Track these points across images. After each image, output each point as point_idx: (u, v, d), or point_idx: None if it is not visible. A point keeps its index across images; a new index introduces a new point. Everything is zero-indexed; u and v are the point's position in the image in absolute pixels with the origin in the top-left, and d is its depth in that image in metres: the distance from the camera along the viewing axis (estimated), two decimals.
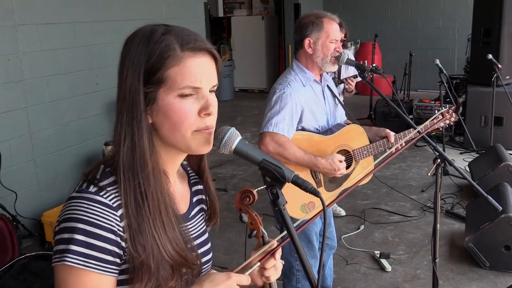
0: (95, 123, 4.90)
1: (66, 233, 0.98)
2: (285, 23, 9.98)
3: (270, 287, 1.23)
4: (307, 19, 2.50)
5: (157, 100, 1.02)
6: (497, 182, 3.95)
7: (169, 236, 1.04)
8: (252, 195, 1.19)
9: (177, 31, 1.04)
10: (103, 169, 1.05)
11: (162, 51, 1.01)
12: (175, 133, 1.04)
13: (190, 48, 1.02)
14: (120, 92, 1.04)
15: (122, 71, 1.03)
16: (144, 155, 1.02)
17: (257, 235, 1.22)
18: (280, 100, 2.38)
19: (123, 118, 1.03)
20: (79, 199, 1.00)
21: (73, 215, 0.99)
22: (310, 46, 2.47)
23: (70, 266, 0.97)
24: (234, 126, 1.06)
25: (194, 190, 1.24)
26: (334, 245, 2.91)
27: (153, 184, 1.03)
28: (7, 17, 3.97)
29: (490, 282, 3.32)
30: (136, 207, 1.01)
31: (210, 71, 1.05)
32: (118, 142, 1.03)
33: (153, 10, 5.63)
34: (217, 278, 1.08)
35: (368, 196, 4.87)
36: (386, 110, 6.78)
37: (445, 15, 9.71)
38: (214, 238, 1.24)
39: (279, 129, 2.34)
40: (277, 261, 1.20)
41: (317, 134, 2.50)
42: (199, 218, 1.23)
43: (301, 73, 2.50)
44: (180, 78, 1.01)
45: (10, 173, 3.95)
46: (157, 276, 1.02)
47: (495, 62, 5.21)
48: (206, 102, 1.03)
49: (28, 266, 3.22)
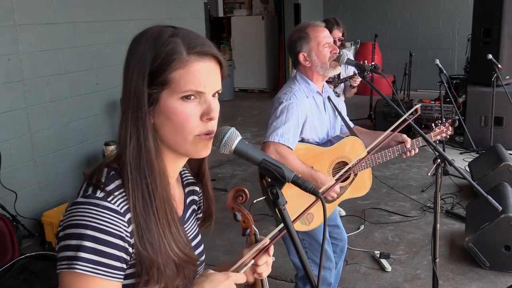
0: (95, 123, 4.90)
1: (74, 240, 0.96)
2: (285, 23, 9.98)
3: (261, 283, 1.24)
4: (294, 36, 2.52)
5: (160, 101, 1.02)
6: (497, 182, 3.95)
7: (173, 235, 1.05)
8: (245, 194, 1.20)
9: (185, 34, 1.04)
10: (107, 172, 1.04)
11: (168, 53, 1.01)
12: (176, 136, 1.04)
13: (197, 52, 1.02)
14: (126, 91, 1.03)
15: (127, 70, 1.03)
16: (150, 155, 1.02)
17: (250, 233, 1.23)
18: (286, 110, 2.38)
19: (128, 118, 1.02)
20: (86, 204, 0.99)
21: (81, 221, 0.97)
22: (306, 60, 2.48)
23: (79, 273, 0.96)
24: (234, 126, 1.06)
25: (187, 191, 1.24)
26: (344, 245, 2.85)
27: (159, 184, 1.03)
28: (7, 17, 3.97)
29: (490, 282, 3.32)
30: (144, 206, 1.01)
31: (214, 76, 1.06)
32: (124, 142, 1.03)
33: (153, 10, 5.63)
34: (216, 278, 1.08)
35: (368, 196, 4.85)
36: (386, 110, 6.78)
37: (445, 15, 9.72)
38: (214, 238, 1.25)
39: (285, 140, 2.35)
40: (269, 258, 1.21)
41: (317, 145, 2.51)
42: (192, 219, 1.24)
43: (304, 84, 2.51)
44: (184, 81, 1.01)
45: (10, 173, 3.95)
46: (164, 275, 1.02)
47: (495, 62, 5.22)
48: (209, 107, 1.04)
49: (28, 266, 3.22)
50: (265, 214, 4.07)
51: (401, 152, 2.57)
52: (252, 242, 1.23)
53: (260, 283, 1.24)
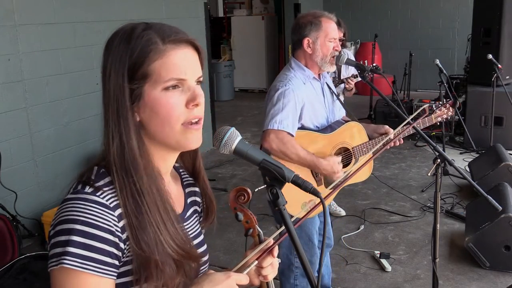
0: (95, 123, 4.89)
1: (63, 236, 0.95)
2: (285, 23, 9.99)
3: (267, 286, 1.22)
4: (305, 19, 2.50)
5: (143, 95, 1.02)
6: (497, 182, 3.95)
7: (169, 232, 1.03)
8: (247, 193, 1.19)
9: (157, 26, 1.05)
10: (97, 170, 1.04)
11: (144, 45, 1.01)
12: (164, 127, 1.03)
13: (172, 41, 1.03)
14: (105, 92, 1.03)
15: (105, 71, 1.03)
16: (133, 154, 1.02)
17: (253, 234, 1.21)
18: (282, 97, 2.37)
19: (109, 118, 1.02)
20: (75, 200, 0.98)
21: (69, 217, 0.96)
22: (309, 46, 2.46)
23: (67, 268, 0.94)
24: (234, 126, 1.06)
25: (187, 192, 1.23)
26: (331, 243, 2.96)
27: (146, 181, 1.02)
28: (7, 17, 3.97)
29: (490, 282, 3.32)
30: (135, 204, 1.00)
31: (193, 62, 1.06)
32: (107, 142, 1.03)
33: (153, 10, 5.63)
34: (217, 278, 1.07)
35: (368, 196, 4.87)
36: (386, 110, 6.78)
37: (445, 15, 9.72)
38: (214, 238, 1.24)
39: (284, 126, 2.33)
40: (274, 259, 1.19)
41: (317, 132, 2.50)
42: (194, 219, 1.23)
43: (300, 71, 2.50)
44: (165, 71, 1.01)
45: (10, 173, 3.95)
46: (163, 273, 1.01)
47: (495, 62, 5.21)
48: (193, 93, 1.04)
49: (28, 266, 3.22)
50: (265, 214, 4.07)
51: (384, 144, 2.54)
52: (256, 242, 1.21)
53: (266, 286, 1.22)
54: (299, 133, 2.43)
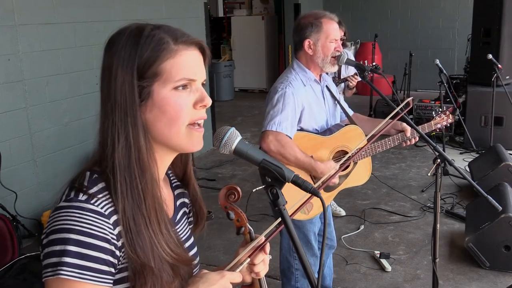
0: (95, 123, 4.87)
1: (58, 245, 0.93)
2: (285, 23, 9.98)
3: (259, 283, 1.22)
4: (306, 20, 2.50)
5: (152, 94, 1.01)
6: (497, 182, 3.95)
7: (164, 236, 1.03)
8: (237, 192, 1.18)
9: (166, 28, 1.05)
10: (90, 176, 1.01)
11: (156, 44, 1.00)
12: (170, 128, 1.02)
13: (183, 42, 1.03)
14: (110, 92, 1.01)
15: (110, 71, 1.01)
16: (141, 153, 1.00)
17: (244, 232, 1.21)
18: (282, 98, 2.37)
19: (114, 118, 1.01)
20: (68, 208, 0.96)
21: (64, 226, 0.94)
22: (310, 48, 2.46)
23: (64, 279, 0.93)
24: (234, 126, 1.06)
25: (176, 194, 1.22)
26: (333, 244, 2.92)
27: (150, 182, 1.01)
28: (7, 17, 3.97)
29: (490, 282, 3.32)
30: (133, 207, 0.99)
31: (201, 64, 1.07)
32: (111, 143, 1.01)
33: (153, 10, 5.63)
34: (211, 278, 1.07)
35: (368, 196, 4.87)
36: (386, 110, 6.77)
37: (445, 15, 9.72)
38: (214, 238, 1.24)
39: (283, 128, 2.33)
40: (266, 256, 1.19)
41: (316, 134, 2.50)
42: (184, 222, 1.22)
43: (301, 73, 2.50)
44: (176, 70, 1.01)
45: (10, 173, 3.95)
46: (160, 279, 1.00)
47: (495, 62, 5.21)
48: (202, 94, 1.04)
49: (28, 266, 3.22)
50: (265, 214, 4.07)
51: (401, 141, 2.56)
52: (247, 240, 1.21)
53: (258, 282, 1.22)
54: (298, 135, 2.43)
